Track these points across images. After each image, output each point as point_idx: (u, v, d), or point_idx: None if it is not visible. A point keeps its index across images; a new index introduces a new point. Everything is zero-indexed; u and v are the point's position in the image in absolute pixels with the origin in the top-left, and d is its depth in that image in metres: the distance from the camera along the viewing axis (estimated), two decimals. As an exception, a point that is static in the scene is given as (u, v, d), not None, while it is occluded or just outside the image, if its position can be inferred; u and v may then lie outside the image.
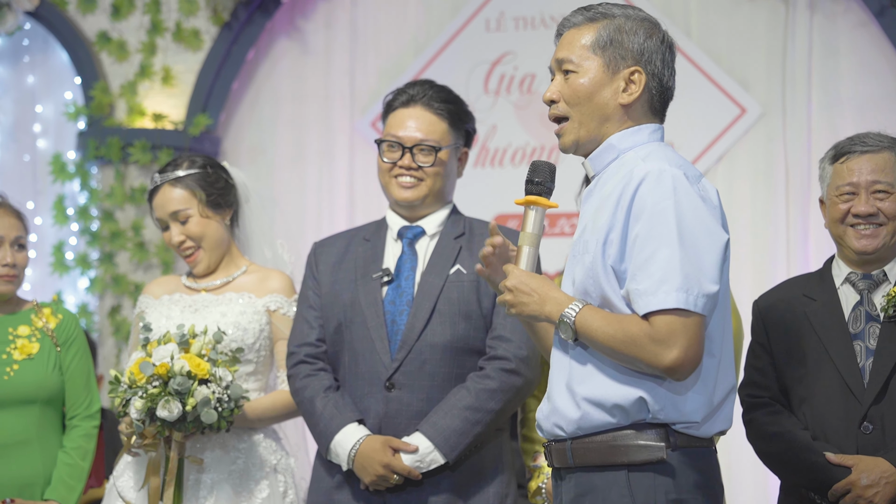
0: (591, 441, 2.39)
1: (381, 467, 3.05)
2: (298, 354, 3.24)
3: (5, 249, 3.61)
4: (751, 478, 5.44)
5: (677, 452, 2.37)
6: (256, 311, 3.42)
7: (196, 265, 3.49)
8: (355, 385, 3.17)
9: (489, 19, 6.09)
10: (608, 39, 2.45)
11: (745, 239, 5.68)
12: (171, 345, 3.21)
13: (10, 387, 3.56)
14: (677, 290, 2.28)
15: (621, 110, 2.46)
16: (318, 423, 3.15)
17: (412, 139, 3.20)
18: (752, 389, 3.19)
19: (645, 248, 2.31)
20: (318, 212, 6.30)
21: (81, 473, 3.61)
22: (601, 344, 2.35)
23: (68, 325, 3.68)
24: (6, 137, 6.43)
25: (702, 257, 2.31)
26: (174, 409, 3.14)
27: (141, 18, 6.27)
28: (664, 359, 2.29)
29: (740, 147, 5.75)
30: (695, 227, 2.32)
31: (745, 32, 5.76)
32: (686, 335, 2.29)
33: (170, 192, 3.47)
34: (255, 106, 6.40)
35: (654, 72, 2.46)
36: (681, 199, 2.32)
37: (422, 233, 3.24)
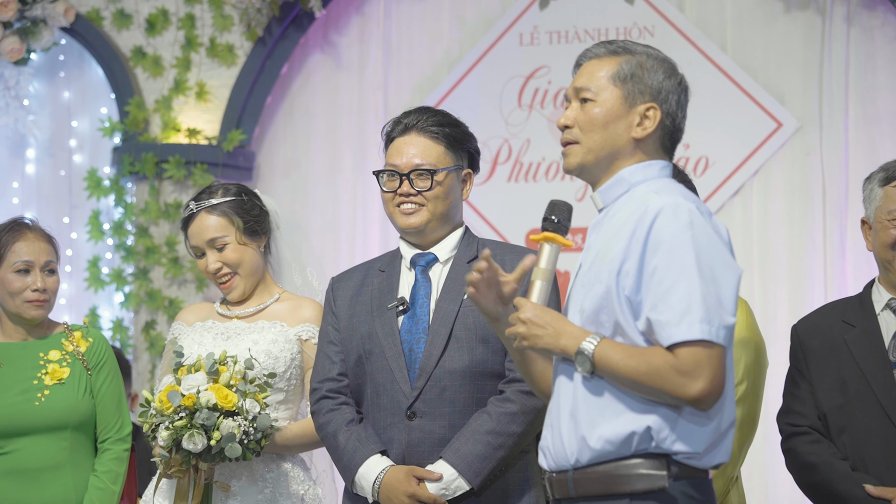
0: (592, 471, 2.41)
1: (406, 497, 3.04)
2: (321, 390, 3.23)
3: (35, 274, 3.61)
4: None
5: (679, 482, 2.39)
6: (288, 340, 3.42)
7: (231, 291, 3.49)
8: (378, 416, 3.15)
9: (523, 33, 6.08)
10: (629, 73, 2.50)
11: (780, 255, 5.63)
12: (200, 374, 3.21)
13: (41, 412, 3.57)
14: (700, 321, 2.31)
15: (632, 144, 2.50)
16: (342, 456, 3.14)
17: (408, 165, 3.19)
18: (792, 417, 3.15)
19: (665, 280, 2.34)
20: (353, 226, 6.30)
21: (112, 497, 3.61)
22: (623, 376, 2.37)
23: (99, 349, 3.68)
24: (42, 153, 6.48)
25: (721, 290, 2.34)
26: (199, 443, 3.15)
27: (175, 34, 6.30)
28: (690, 390, 2.31)
29: (776, 161, 5.70)
30: (713, 260, 2.36)
31: (781, 46, 5.71)
32: (711, 366, 2.32)
33: (206, 220, 3.46)
34: (289, 120, 6.42)
35: (669, 111, 2.51)
36: (698, 233, 2.37)
37: (434, 259, 3.22)
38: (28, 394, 3.58)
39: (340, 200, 6.33)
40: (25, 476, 3.56)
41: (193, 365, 3.23)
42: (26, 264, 3.60)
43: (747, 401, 3.12)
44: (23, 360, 3.62)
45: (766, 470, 5.42)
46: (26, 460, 3.56)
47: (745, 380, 3.12)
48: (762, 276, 5.64)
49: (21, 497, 3.56)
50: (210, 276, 3.49)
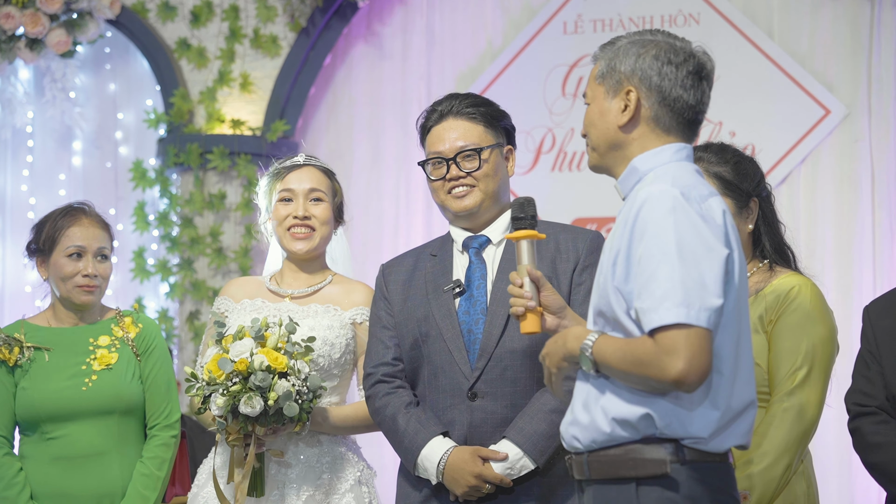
0: (604, 454, 2.47)
1: (472, 478, 3.03)
2: (376, 375, 3.24)
3: (87, 260, 3.64)
4: (835, 485, 5.34)
5: (686, 466, 2.42)
6: (343, 325, 3.42)
7: (303, 242, 3.47)
8: (437, 398, 3.16)
9: (566, 21, 6.05)
10: (605, 68, 2.58)
11: (828, 244, 5.57)
12: (247, 340, 3.22)
13: (88, 398, 3.59)
14: (678, 305, 2.34)
15: (621, 133, 2.55)
16: (403, 439, 3.14)
17: (453, 149, 3.19)
18: (859, 398, 3.10)
19: (647, 268, 2.39)
20: (396, 215, 6.30)
21: (157, 483, 3.61)
22: (616, 369, 2.43)
23: (149, 335, 3.70)
24: (89, 145, 6.53)
25: (703, 273, 2.36)
26: (256, 405, 3.16)
27: (220, 25, 6.32)
28: (670, 372, 2.34)
29: (824, 149, 5.64)
30: (694, 244, 2.38)
31: (828, 32, 5.65)
32: (689, 347, 2.34)
33: (315, 172, 3.51)
34: (333, 111, 6.43)
35: (651, 86, 2.53)
36: (679, 218, 2.40)
37: (487, 241, 3.22)
38: (76, 379, 3.61)
39: (384, 190, 6.33)
40: (72, 462, 3.58)
41: (238, 333, 3.25)
42: (78, 249, 3.63)
43: (806, 388, 3.05)
44: (73, 346, 3.65)
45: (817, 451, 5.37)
46: (73, 446, 3.58)
47: (804, 365, 3.05)
48: (809, 265, 5.55)
49: (67, 483, 3.58)
50: (287, 225, 3.47)
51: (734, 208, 3.14)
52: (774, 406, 3.03)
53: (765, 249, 3.19)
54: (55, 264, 3.63)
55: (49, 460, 3.59)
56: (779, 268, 3.17)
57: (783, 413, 3.02)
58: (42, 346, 3.63)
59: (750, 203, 3.17)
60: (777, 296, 3.09)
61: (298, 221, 3.45)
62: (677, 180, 2.46)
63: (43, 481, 3.59)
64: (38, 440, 3.61)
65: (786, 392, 3.04)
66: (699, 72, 2.53)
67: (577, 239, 3.16)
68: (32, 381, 3.61)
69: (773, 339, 3.07)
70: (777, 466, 3.01)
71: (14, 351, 3.60)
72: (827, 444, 5.21)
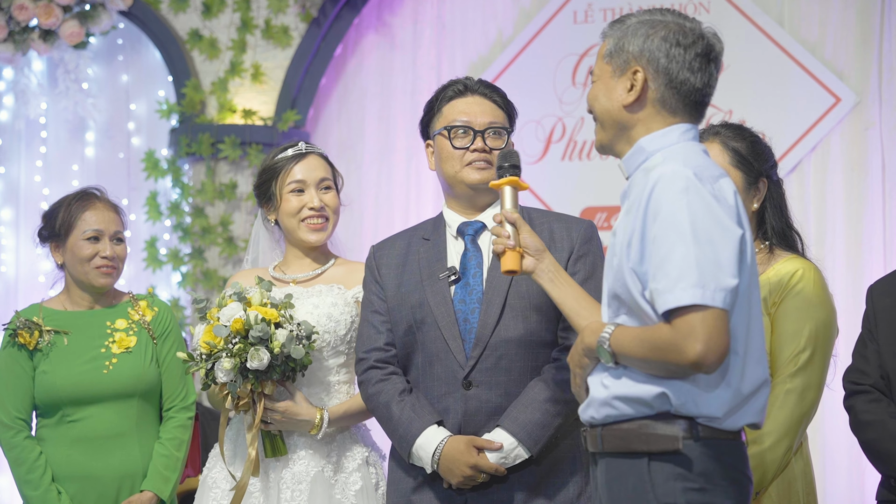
0: (618, 428, 2.48)
1: (467, 468, 3.04)
2: (368, 360, 3.23)
3: (105, 243, 3.69)
4: (845, 470, 5.34)
5: (699, 443, 2.42)
6: (347, 303, 3.44)
7: (320, 232, 3.49)
8: (431, 386, 3.15)
9: (577, 11, 6.06)
10: (613, 47, 2.57)
11: (838, 232, 5.57)
12: (233, 304, 3.26)
13: (109, 380, 3.64)
14: (693, 286, 2.34)
15: (626, 112, 2.55)
16: (398, 427, 3.13)
17: (483, 123, 3.18)
18: (855, 376, 3.14)
19: (661, 248, 2.38)
20: (406, 206, 6.32)
21: (176, 464, 3.67)
22: (634, 358, 2.44)
23: (164, 318, 3.75)
24: (101, 135, 6.56)
25: (717, 253, 2.36)
26: (263, 357, 3.18)
27: (231, 16, 6.35)
28: (689, 354, 2.34)
29: (834, 137, 5.63)
30: (708, 224, 2.37)
31: (838, 20, 5.64)
32: (706, 328, 2.33)
33: (321, 161, 3.52)
34: (344, 101, 6.45)
35: (659, 68, 2.52)
36: (692, 199, 2.39)
37: (482, 227, 3.20)
38: (96, 362, 3.65)
39: (394, 180, 6.35)
40: (93, 444, 3.62)
41: (220, 301, 3.28)
42: (96, 232, 3.68)
43: (808, 370, 3.07)
44: (90, 329, 3.69)
45: (822, 429, 5.37)
46: (94, 428, 3.63)
47: (807, 347, 3.07)
48: (819, 253, 5.58)
49: (88, 465, 3.63)
50: (301, 216, 3.48)
51: (743, 184, 3.16)
52: (777, 387, 3.05)
53: (767, 232, 3.21)
54: (73, 248, 3.68)
55: (70, 443, 3.63)
56: (778, 251, 3.19)
57: (786, 395, 3.04)
58: (60, 329, 3.67)
59: (759, 182, 3.19)
60: (780, 279, 3.11)
61: (315, 213, 3.47)
62: (688, 160, 2.46)
63: (64, 464, 3.63)
64: (57, 423, 3.66)
65: (789, 374, 3.06)
66: (707, 54, 2.52)
67: (571, 229, 3.16)
68: (52, 364, 3.64)
69: (776, 322, 3.09)
70: (779, 447, 3.03)
71: (34, 335, 3.65)
72: (837, 427, 5.21)
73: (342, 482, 3.36)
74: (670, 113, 2.54)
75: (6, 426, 3.66)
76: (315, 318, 3.36)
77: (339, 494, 3.34)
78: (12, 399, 3.66)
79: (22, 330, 3.64)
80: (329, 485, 3.35)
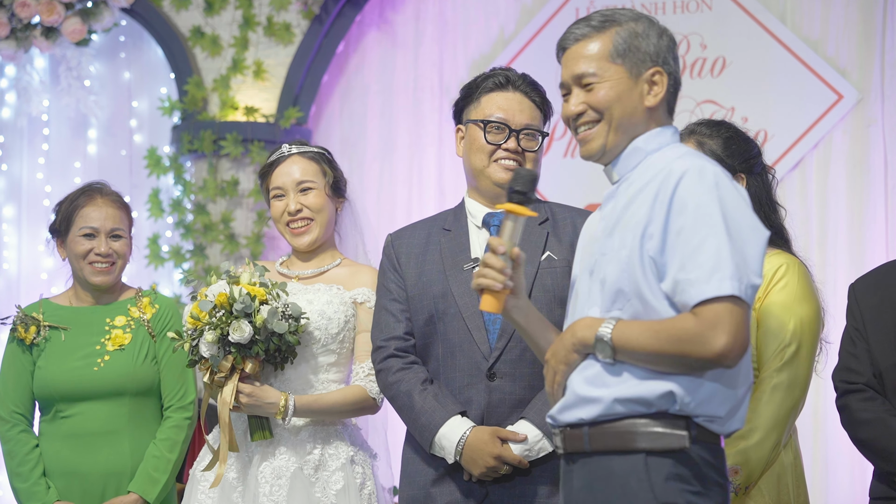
0: (610, 427, 2.40)
1: (491, 459, 3.01)
2: (388, 348, 3.19)
3: (100, 239, 3.67)
4: (847, 465, 5.33)
5: (697, 445, 2.38)
6: (343, 302, 3.41)
7: (304, 236, 3.47)
8: (453, 377, 3.12)
9: (579, 8, 6.05)
10: (625, 47, 2.46)
11: (841, 229, 5.56)
12: (220, 282, 3.26)
13: (99, 378, 3.62)
14: (730, 278, 2.29)
15: (646, 113, 2.48)
16: (419, 417, 3.10)
17: (520, 123, 3.14)
18: (847, 375, 3.13)
19: (692, 240, 2.32)
20: (409, 203, 6.31)
21: (167, 465, 3.62)
22: (644, 351, 2.35)
23: (165, 315, 3.72)
24: (103, 132, 6.57)
25: (746, 250, 2.33)
26: (245, 329, 3.17)
27: (233, 13, 6.35)
28: (715, 345, 2.29)
29: (837, 134, 5.63)
30: (740, 221, 2.34)
31: (840, 17, 5.63)
32: (733, 321, 2.30)
33: (300, 162, 3.49)
34: (345, 98, 6.44)
35: (670, 71, 2.49)
36: (724, 194, 2.35)
37: None
38: (89, 359, 3.64)
39: (396, 177, 6.35)
40: (82, 440, 3.61)
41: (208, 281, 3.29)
42: (92, 230, 3.66)
43: (794, 364, 3.07)
44: (89, 326, 3.68)
45: (824, 428, 5.36)
46: (84, 425, 3.62)
47: (792, 342, 3.07)
48: (822, 249, 5.58)
49: (77, 461, 3.62)
50: (286, 219, 3.48)
51: None
52: (764, 382, 3.06)
53: None
54: (71, 244, 3.68)
55: (61, 438, 3.63)
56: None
57: (772, 390, 3.04)
58: (60, 325, 3.67)
59: (735, 178, 3.18)
60: (764, 274, 3.10)
61: (292, 217, 3.46)
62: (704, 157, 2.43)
63: (55, 459, 3.63)
64: (52, 418, 3.66)
65: (775, 369, 3.06)
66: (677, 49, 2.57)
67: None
68: (48, 360, 3.64)
69: (761, 318, 3.09)
70: (767, 441, 3.03)
71: (31, 330, 3.64)
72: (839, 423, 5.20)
73: (323, 480, 3.32)
74: (667, 114, 2.53)
75: (3, 420, 3.66)
76: (308, 313, 3.35)
77: (318, 493, 3.31)
78: (11, 393, 3.66)
79: (19, 325, 3.65)
80: (309, 482, 3.31)
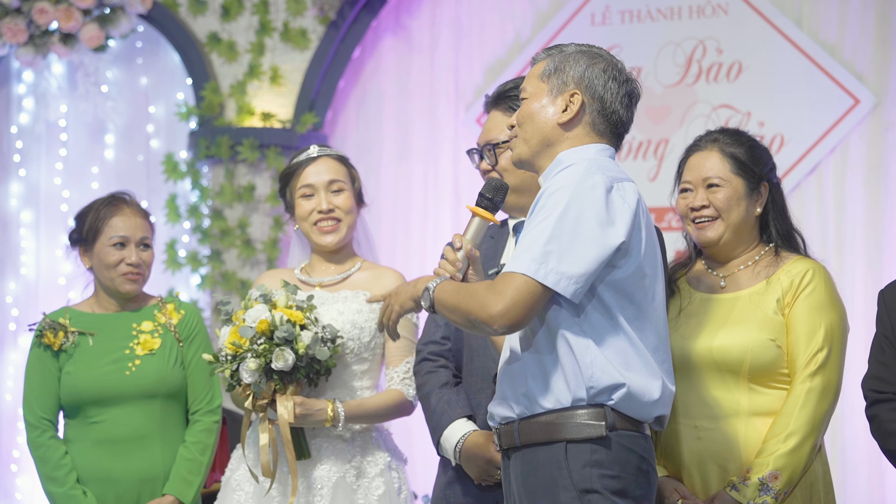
0: (536, 421, 2.62)
1: (483, 462, 3.07)
2: (423, 352, 3.31)
3: (130, 249, 3.71)
4: (865, 473, 5.31)
5: (614, 433, 2.59)
6: (372, 310, 3.46)
7: (333, 235, 3.51)
8: (470, 381, 3.21)
9: (594, 13, 6.06)
10: (553, 68, 2.75)
11: (857, 234, 5.55)
12: (259, 306, 3.29)
13: (131, 381, 3.65)
14: (532, 259, 2.53)
15: (559, 129, 2.72)
16: (431, 418, 3.21)
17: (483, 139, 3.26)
18: (877, 384, 3.13)
19: (531, 224, 2.59)
20: (424, 208, 6.32)
21: (200, 468, 3.67)
22: (447, 306, 2.64)
23: (190, 321, 3.76)
24: (121, 138, 6.59)
25: (577, 242, 2.53)
26: (289, 357, 3.22)
27: (250, 19, 6.37)
28: (489, 309, 2.53)
29: (853, 139, 5.61)
30: (584, 214, 2.54)
31: (857, 21, 5.62)
32: (517, 294, 2.52)
33: (330, 163, 3.54)
34: (362, 104, 6.46)
35: (595, 95, 2.72)
36: (583, 189, 2.57)
37: None
38: (119, 363, 3.67)
39: (412, 183, 6.36)
40: (115, 446, 3.64)
41: (245, 303, 3.30)
42: (122, 239, 3.70)
43: (827, 369, 3.09)
44: (116, 331, 3.71)
45: (842, 435, 5.35)
46: (117, 430, 3.65)
47: (824, 346, 3.09)
48: (838, 255, 5.56)
49: (110, 467, 3.64)
50: (312, 220, 3.50)
51: (745, 190, 3.18)
52: (798, 387, 3.07)
53: (771, 234, 3.23)
54: (99, 253, 3.70)
55: (92, 444, 3.66)
56: (784, 252, 3.23)
57: (808, 394, 3.06)
58: (86, 331, 3.70)
59: (760, 187, 3.21)
60: (791, 279, 3.14)
61: (323, 215, 3.48)
62: (598, 163, 2.64)
63: (87, 465, 3.65)
64: (81, 424, 3.68)
65: (809, 374, 3.08)
66: (632, 95, 2.76)
67: None
68: (76, 365, 3.67)
69: (791, 323, 3.11)
70: (805, 446, 3.04)
71: (59, 335, 3.68)
72: (856, 429, 5.19)
73: (365, 487, 3.38)
74: (598, 135, 2.73)
75: (32, 426, 3.69)
76: (339, 324, 3.39)
77: (361, 499, 3.36)
78: (38, 399, 3.69)
79: (47, 331, 3.68)
80: (351, 490, 3.36)
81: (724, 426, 3.10)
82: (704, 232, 3.20)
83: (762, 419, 3.09)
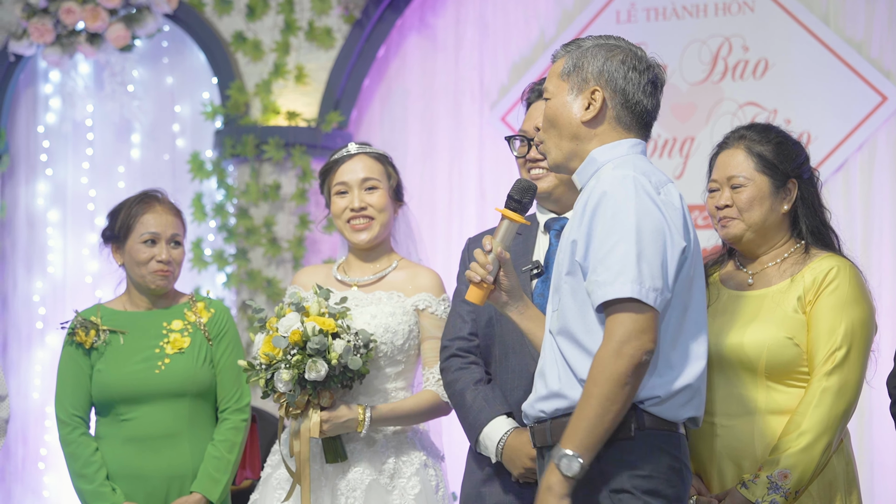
0: (567, 420, 2.59)
1: (528, 460, 3.05)
2: (451, 348, 3.27)
3: (161, 246, 3.73)
4: (893, 472, 5.29)
5: (644, 432, 2.58)
6: (406, 312, 3.45)
7: (365, 233, 3.51)
8: (506, 379, 3.18)
9: (619, 11, 6.05)
10: (572, 66, 2.72)
11: (885, 232, 5.53)
12: (291, 314, 3.29)
13: (161, 380, 3.68)
14: (632, 281, 2.51)
15: (585, 128, 2.71)
16: (468, 415, 3.17)
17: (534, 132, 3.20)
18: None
19: (605, 245, 2.55)
20: (449, 207, 6.33)
21: (227, 466, 3.69)
22: (592, 418, 2.54)
23: (220, 319, 3.78)
24: (147, 137, 6.63)
25: (655, 256, 2.53)
26: (321, 368, 3.22)
27: (275, 18, 6.39)
28: (618, 358, 2.50)
29: (881, 136, 5.59)
30: (651, 229, 2.55)
31: (884, 18, 5.60)
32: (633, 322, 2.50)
33: (365, 161, 3.54)
34: (386, 102, 6.47)
35: (616, 88, 2.69)
36: (641, 202, 2.56)
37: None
38: (149, 362, 3.69)
39: (437, 181, 6.36)
40: (144, 443, 3.67)
41: (278, 312, 3.31)
42: (153, 235, 3.72)
43: (844, 368, 3.05)
44: (146, 329, 3.74)
45: (870, 433, 5.33)
46: (146, 428, 3.67)
47: (843, 345, 3.05)
48: (865, 253, 5.54)
49: (139, 464, 3.67)
50: (345, 218, 3.51)
51: (770, 188, 3.15)
52: (814, 385, 3.04)
53: (801, 231, 3.20)
54: (131, 250, 3.73)
55: (122, 441, 3.68)
56: (814, 249, 3.17)
57: (822, 393, 3.03)
58: (118, 329, 3.72)
59: (788, 184, 3.18)
60: (815, 277, 3.10)
61: (356, 213, 3.49)
62: (639, 167, 2.62)
63: (117, 462, 3.68)
64: (112, 421, 3.71)
65: (825, 372, 3.04)
66: (656, 82, 2.72)
67: None
68: (107, 363, 3.70)
69: (812, 321, 3.07)
70: (817, 445, 3.01)
71: (90, 334, 3.70)
72: (884, 427, 5.16)
73: (400, 487, 3.37)
74: (625, 129, 2.71)
75: (63, 423, 3.72)
76: (373, 328, 3.39)
77: (397, 500, 3.36)
78: (70, 397, 3.72)
79: (79, 329, 3.71)
80: (386, 492, 3.36)
81: (741, 423, 3.08)
82: (727, 230, 3.19)
83: (779, 417, 3.06)
